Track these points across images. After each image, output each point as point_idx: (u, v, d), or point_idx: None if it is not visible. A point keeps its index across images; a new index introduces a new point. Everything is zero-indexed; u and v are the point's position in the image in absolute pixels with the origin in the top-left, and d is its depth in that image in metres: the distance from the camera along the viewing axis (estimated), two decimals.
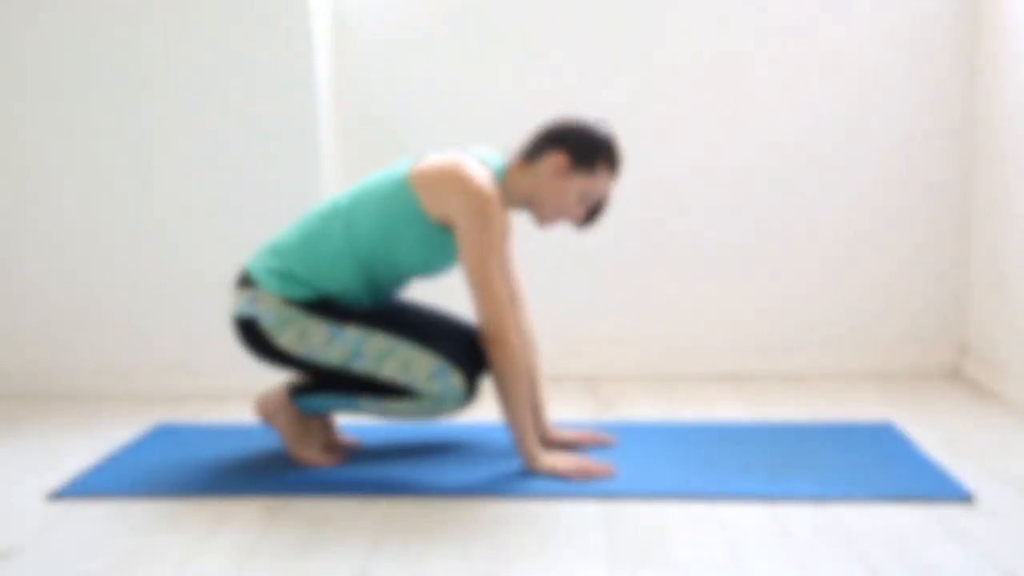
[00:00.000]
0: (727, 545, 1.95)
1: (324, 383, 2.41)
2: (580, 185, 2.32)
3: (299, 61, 3.06)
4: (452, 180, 2.25)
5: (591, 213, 2.38)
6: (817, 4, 3.16)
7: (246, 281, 2.37)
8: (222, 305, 3.20)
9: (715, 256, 3.28)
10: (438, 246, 2.32)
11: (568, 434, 2.55)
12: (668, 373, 3.30)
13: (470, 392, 2.31)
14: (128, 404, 3.12)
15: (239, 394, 3.14)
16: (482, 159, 2.35)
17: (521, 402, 2.30)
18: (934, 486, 2.20)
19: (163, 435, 2.76)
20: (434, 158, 2.34)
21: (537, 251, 3.32)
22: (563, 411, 2.88)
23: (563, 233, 3.29)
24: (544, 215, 2.37)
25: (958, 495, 2.15)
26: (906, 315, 3.27)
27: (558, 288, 3.30)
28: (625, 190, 3.27)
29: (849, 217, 3.24)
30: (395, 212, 2.29)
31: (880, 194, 3.23)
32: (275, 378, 3.14)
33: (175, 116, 3.13)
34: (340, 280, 2.33)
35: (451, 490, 2.26)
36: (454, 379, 2.28)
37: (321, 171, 3.11)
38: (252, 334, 2.36)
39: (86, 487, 2.35)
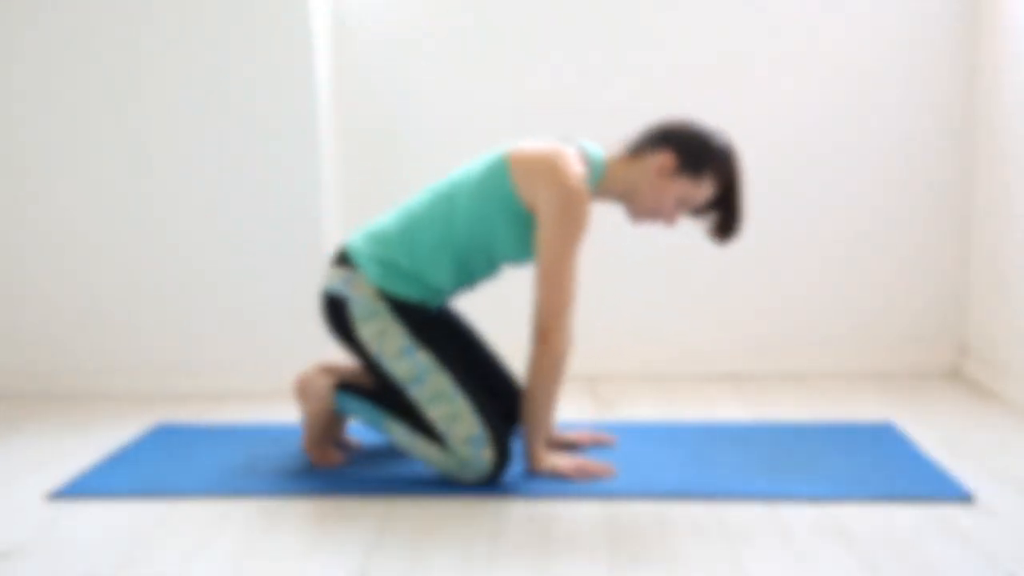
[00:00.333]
0: (727, 545, 1.95)
1: (372, 393, 2.39)
2: (682, 189, 2.28)
3: (299, 61, 3.06)
4: (547, 168, 2.22)
5: (726, 229, 2.33)
6: (817, 5, 3.16)
7: (345, 260, 2.36)
8: (222, 305, 3.20)
9: (715, 256, 3.28)
10: (531, 232, 2.29)
11: (569, 435, 2.55)
12: (668, 373, 3.30)
13: (496, 470, 2.26)
14: (128, 404, 3.12)
15: (239, 394, 3.14)
16: (583, 153, 2.31)
17: (545, 404, 2.30)
18: (934, 486, 2.20)
19: (163, 435, 2.76)
20: (536, 143, 2.31)
21: None
22: (563, 411, 2.88)
23: None
24: (639, 212, 2.34)
25: (958, 495, 2.15)
26: (906, 315, 3.27)
27: None
28: None
29: (849, 217, 3.24)
30: (490, 193, 2.26)
31: (880, 194, 3.23)
32: (273, 379, 3.14)
33: (175, 116, 3.13)
34: (440, 267, 2.31)
35: (451, 490, 2.26)
36: (486, 453, 2.24)
37: (321, 171, 3.11)
38: (337, 313, 2.35)
39: (86, 487, 2.35)
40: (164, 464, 2.50)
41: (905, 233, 3.24)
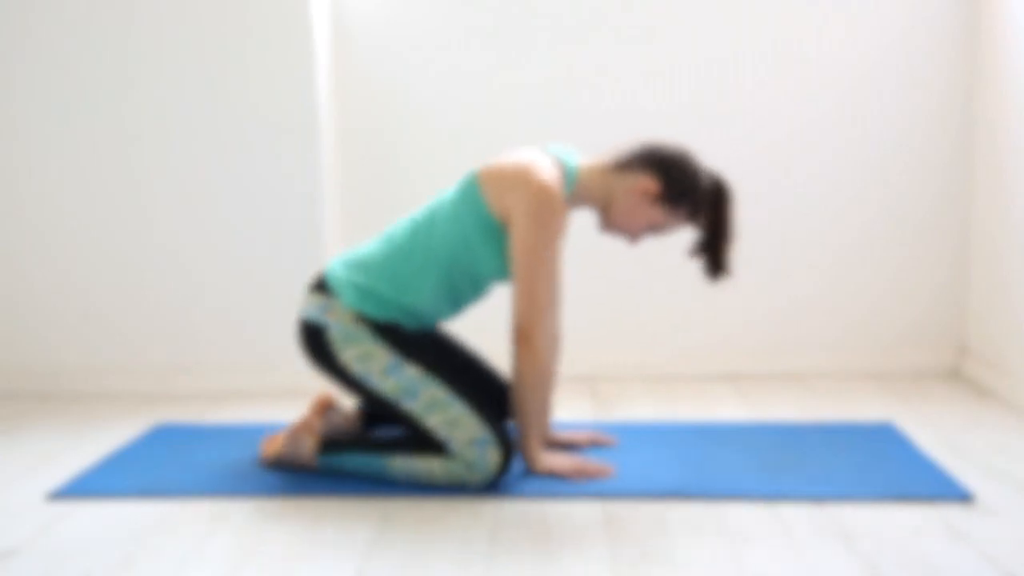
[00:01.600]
0: (727, 545, 1.95)
1: (355, 440, 2.37)
2: (656, 217, 2.31)
3: (299, 63, 3.06)
4: (517, 176, 2.23)
5: (713, 271, 2.37)
6: (817, 7, 3.16)
7: (323, 287, 2.36)
8: (222, 306, 3.20)
9: None
10: (503, 246, 2.30)
11: (567, 435, 2.55)
12: (668, 373, 3.30)
13: (502, 470, 2.25)
14: (128, 404, 3.12)
15: (239, 394, 3.14)
16: (556, 157, 2.32)
17: (535, 405, 2.30)
18: (934, 486, 2.20)
19: (163, 435, 2.76)
20: (507, 156, 2.31)
21: None
22: (563, 411, 2.88)
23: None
24: (610, 224, 2.36)
25: (958, 495, 2.15)
26: (906, 315, 3.27)
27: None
28: None
29: (849, 217, 3.24)
30: (465, 213, 2.27)
31: (880, 195, 3.23)
32: (273, 379, 3.14)
33: (175, 118, 3.13)
34: (424, 295, 2.33)
35: (450, 490, 2.26)
36: (491, 453, 2.23)
37: (321, 172, 3.11)
38: (316, 341, 2.35)
39: (86, 487, 2.35)
40: (164, 464, 2.50)
41: (905, 233, 3.24)
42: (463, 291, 2.37)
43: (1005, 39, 2.94)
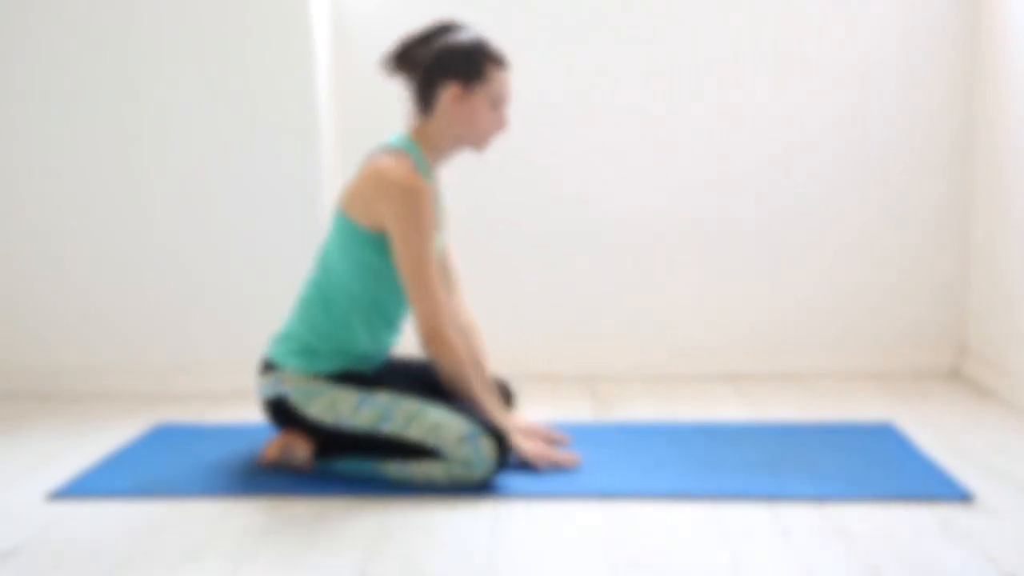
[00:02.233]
0: (727, 545, 1.95)
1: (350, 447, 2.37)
2: (484, 98, 2.32)
3: (299, 63, 3.06)
4: (371, 185, 2.26)
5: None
6: (817, 9, 3.16)
7: (268, 367, 2.39)
8: (222, 305, 3.20)
9: (715, 256, 3.28)
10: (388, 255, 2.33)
11: (530, 425, 2.53)
12: (668, 373, 3.30)
13: (498, 460, 2.25)
14: (128, 404, 3.12)
15: (239, 394, 3.14)
16: (390, 148, 2.33)
17: (474, 386, 2.30)
18: (934, 486, 2.20)
19: (163, 435, 2.76)
20: (353, 176, 2.35)
21: (538, 252, 3.32)
22: (563, 411, 2.89)
23: (563, 234, 3.29)
24: (474, 143, 2.37)
25: (958, 495, 2.15)
26: (906, 315, 3.27)
27: (558, 288, 3.30)
28: (625, 191, 3.28)
29: (849, 218, 3.24)
30: (349, 243, 2.30)
31: (880, 195, 3.23)
32: None
33: (175, 118, 3.13)
34: (359, 334, 2.35)
35: (450, 490, 2.26)
36: (484, 445, 2.23)
37: (321, 172, 3.11)
38: (282, 411, 2.36)
39: (86, 487, 2.35)
40: (164, 464, 2.50)
41: (905, 234, 3.24)
42: (392, 312, 2.39)
43: (1005, 39, 2.94)
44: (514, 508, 2.17)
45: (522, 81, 3.24)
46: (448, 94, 2.29)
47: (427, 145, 2.35)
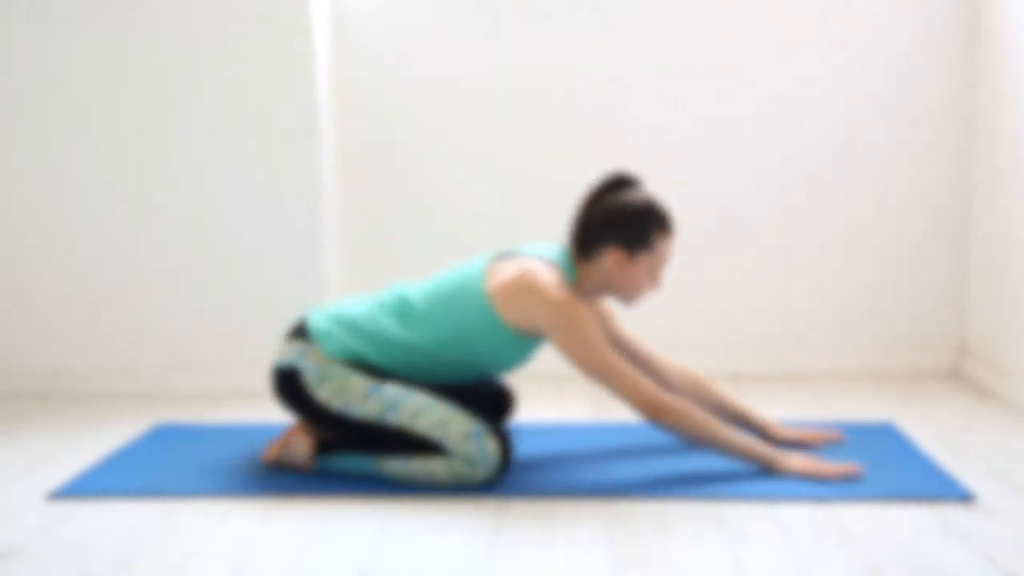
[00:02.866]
0: (727, 545, 1.95)
1: (351, 442, 2.37)
2: (646, 265, 2.31)
3: (299, 64, 3.06)
4: (529, 293, 2.24)
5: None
6: (818, 10, 3.16)
7: (302, 334, 2.37)
8: (222, 305, 3.20)
9: (715, 256, 3.28)
10: (520, 347, 2.34)
11: (792, 432, 2.52)
12: None
13: (503, 460, 2.25)
14: (128, 404, 3.12)
15: (239, 394, 3.14)
16: (547, 259, 2.34)
17: (718, 436, 2.26)
18: (934, 486, 2.20)
19: (163, 435, 2.76)
20: (507, 271, 2.30)
21: None
22: (563, 411, 2.88)
23: (562, 233, 3.29)
24: (625, 300, 2.38)
25: (958, 495, 2.15)
26: (906, 315, 3.27)
27: None
28: None
29: (849, 217, 3.24)
30: (475, 325, 2.29)
31: (880, 195, 3.23)
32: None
33: (175, 119, 3.12)
34: (412, 368, 2.35)
35: (451, 490, 2.26)
36: (489, 444, 2.23)
37: (321, 172, 3.11)
38: (290, 385, 2.36)
39: (86, 487, 2.35)
40: (164, 464, 2.50)
41: (905, 234, 3.24)
42: (451, 377, 2.38)
43: (1005, 39, 2.94)
44: (515, 507, 2.17)
45: (523, 80, 3.25)
46: (611, 256, 2.29)
47: (580, 280, 2.35)
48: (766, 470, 2.28)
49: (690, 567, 1.86)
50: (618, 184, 2.32)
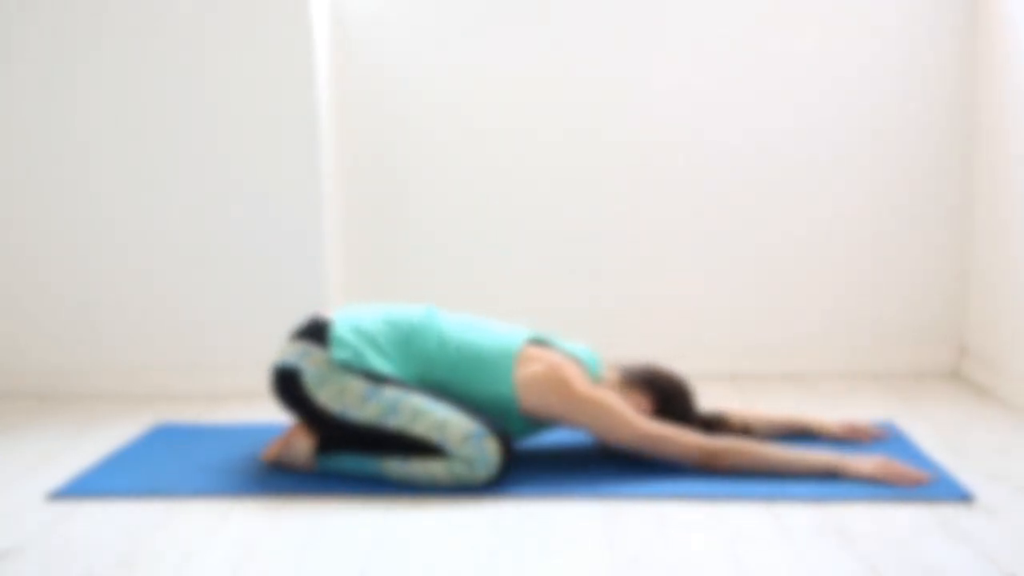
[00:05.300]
0: (727, 545, 1.95)
1: (351, 443, 2.37)
2: (645, 423, 2.37)
3: (299, 63, 3.06)
4: (559, 388, 2.33)
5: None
6: (818, 10, 3.16)
7: (310, 335, 2.38)
8: (222, 306, 3.20)
9: (716, 256, 3.28)
10: (523, 428, 2.43)
11: (842, 429, 2.55)
12: None
13: (503, 461, 2.26)
14: (128, 404, 3.12)
15: (239, 394, 3.14)
16: (575, 355, 2.46)
17: (776, 461, 2.28)
18: (934, 486, 2.20)
19: (163, 435, 2.76)
20: (537, 363, 2.38)
21: (534, 251, 3.32)
22: None
23: (563, 234, 3.29)
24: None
25: (958, 495, 2.15)
26: (906, 315, 3.27)
27: (558, 288, 3.30)
28: (626, 192, 3.28)
29: (849, 217, 3.24)
30: (493, 398, 2.37)
31: (880, 195, 3.22)
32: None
33: (175, 118, 3.12)
34: (425, 379, 2.41)
35: (451, 490, 2.26)
36: (489, 445, 2.24)
37: (322, 172, 3.11)
38: (290, 385, 2.36)
39: (86, 487, 2.35)
40: (164, 464, 2.50)
41: (905, 233, 3.24)
42: (456, 396, 2.41)
43: (1005, 39, 2.94)
44: (515, 507, 2.17)
45: (523, 80, 3.25)
46: (642, 401, 2.42)
47: (605, 380, 2.46)
48: (834, 476, 2.26)
49: (690, 567, 1.86)
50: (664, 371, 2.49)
